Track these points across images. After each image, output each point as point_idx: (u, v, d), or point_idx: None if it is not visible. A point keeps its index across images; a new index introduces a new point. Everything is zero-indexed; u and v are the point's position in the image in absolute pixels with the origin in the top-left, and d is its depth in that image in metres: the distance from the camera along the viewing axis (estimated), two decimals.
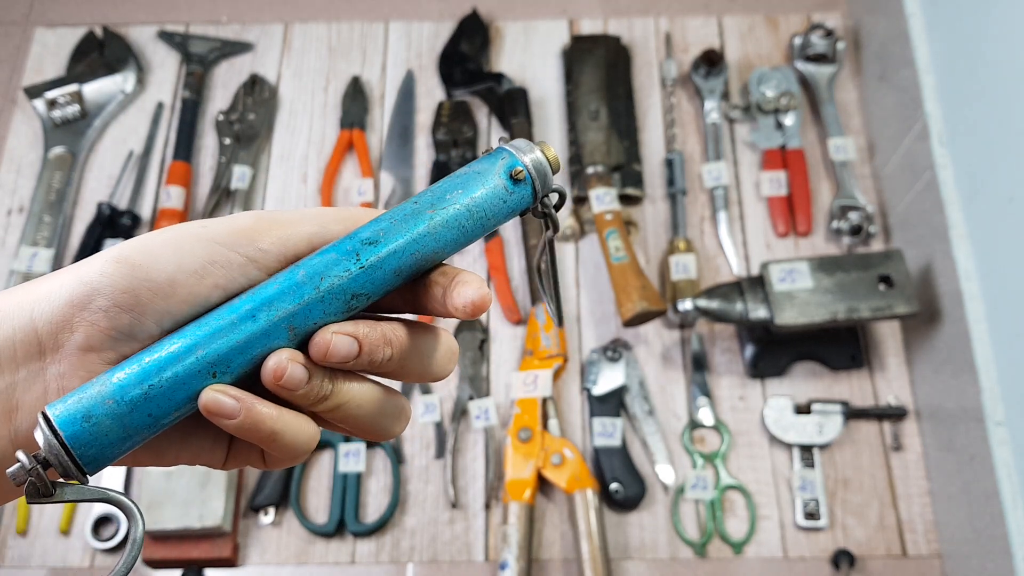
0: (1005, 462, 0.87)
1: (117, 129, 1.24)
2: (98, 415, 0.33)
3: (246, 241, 0.36)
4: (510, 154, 0.38)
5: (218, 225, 0.36)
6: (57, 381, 0.35)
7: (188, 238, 0.35)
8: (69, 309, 0.34)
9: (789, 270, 0.99)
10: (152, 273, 0.34)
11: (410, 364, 0.38)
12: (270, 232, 0.37)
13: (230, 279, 0.36)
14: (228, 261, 0.36)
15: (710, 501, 1.00)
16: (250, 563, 0.99)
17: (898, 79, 1.11)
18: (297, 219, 0.38)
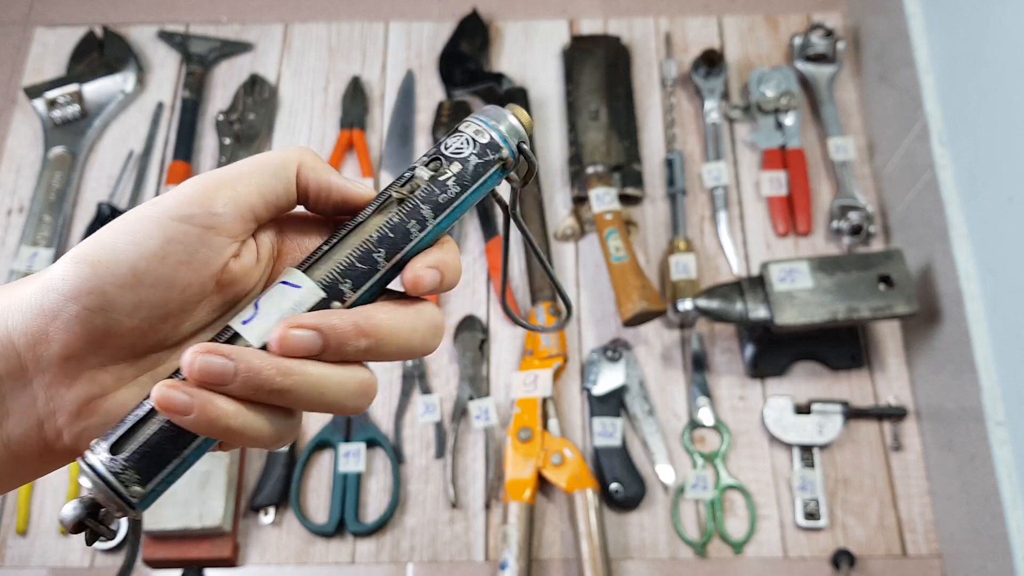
0: (1005, 462, 0.87)
1: (117, 129, 1.24)
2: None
3: (199, 209, 0.35)
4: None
5: (167, 200, 0.35)
6: (45, 390, 0.34)
7: (141, 222, 0.34)
8: (41, 320, 0.33)
9: (789, 270, 0.99)
10: (112, 267, 0.33)
11: (389, 348, 0.36)
12: (219, 193, 0.35)
13: (192, 252, 0.34)
14: (186, 235, 0.34)
15: (710, 501, 1.00)
16: (250, 563, 0.99)
17: (898, 79, 1.11)
18: (242, 171, 0.36)
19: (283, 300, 0.35)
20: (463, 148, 0.38)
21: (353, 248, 0.36)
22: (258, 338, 0.35)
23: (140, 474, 0.33)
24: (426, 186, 0.37)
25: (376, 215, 0.37)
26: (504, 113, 0.39)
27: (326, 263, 0.36)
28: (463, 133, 0.39)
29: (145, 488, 0.34)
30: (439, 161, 0.38)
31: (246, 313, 0.35)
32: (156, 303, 0.34)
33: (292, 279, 0.36)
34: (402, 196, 0.37)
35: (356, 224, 0.37)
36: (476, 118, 0.39)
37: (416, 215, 0.37)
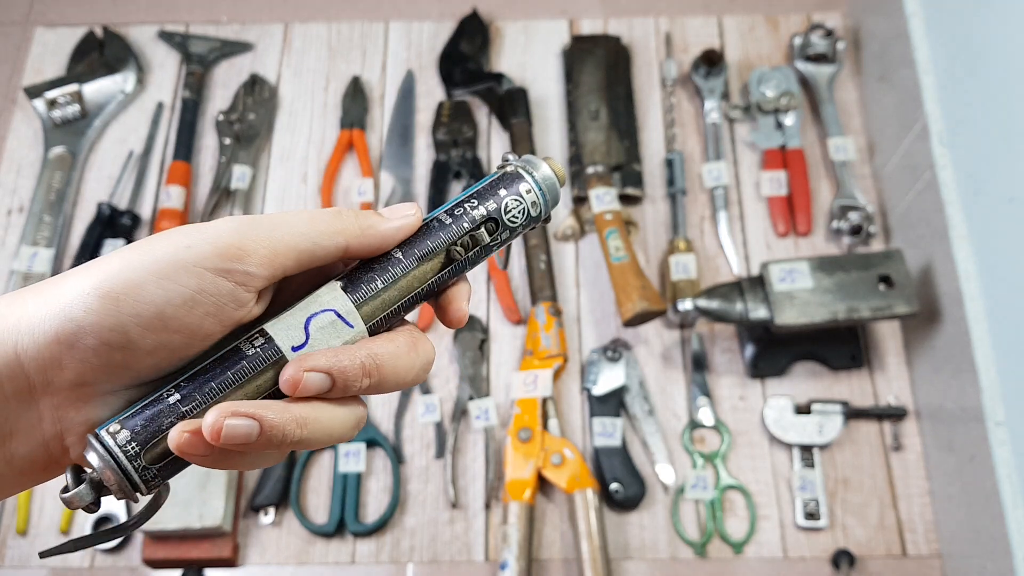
0: (1005, 462, 0.87)
1: (117, 129, 1.24)
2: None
3: (234, 264, 0.34)
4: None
5: (203, 246, 0.34)
6: (52, 411, 0.34)
7: (173, 266, 0.33)
8: (56, 347, 0.32)
9: (789, 270, 0.99)
10: (139, 308, 0.33)
11: (387, 385, 0.36)
12: (257, 252, 0.34)
13: (220, 307, 0.34)
14: (217, 289, 0.34)
15: (710, 501, 1.00)
16: (250, 563, 0.99)
17: (898, 79, 1.11)
18: (283, 230, 0.35)
19: (335, 337, 0.36)
20: (518, 218, 0.39)
21: (403, 295, 0.37)
22: None
23: (161, 474, 0.34)
24: (480, 249, 0.39)
25: (429, 263, 0.38)
26: (554, 181, 0.40)
27: (375, 303, 0.37)
28: (523, 200, 0.39)
29: (161, 484, 0.34)
30: (496, 223, 0.39)
31: (294, 333, 0.35)
32: (176, 346, 0.34)
33: (346, 315, 0.36)
34: (460, 256, 0.38)
35: (409, 268, 0.37)
36: (535, 180, 0.40)
37: (460, 271, 0.39)
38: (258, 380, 0.35)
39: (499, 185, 0.40)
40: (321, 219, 0.36)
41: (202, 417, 0.33)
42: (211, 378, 0.34)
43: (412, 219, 0.38)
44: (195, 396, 0.34)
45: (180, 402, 0.34)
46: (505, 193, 0.39)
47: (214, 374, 0.34)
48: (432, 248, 0.38)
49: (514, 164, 0.40)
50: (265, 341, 0.35)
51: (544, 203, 0.40)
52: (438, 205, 1.21)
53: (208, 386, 0.34)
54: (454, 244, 0.38)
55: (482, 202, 0.39)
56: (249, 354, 0.35)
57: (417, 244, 0.38)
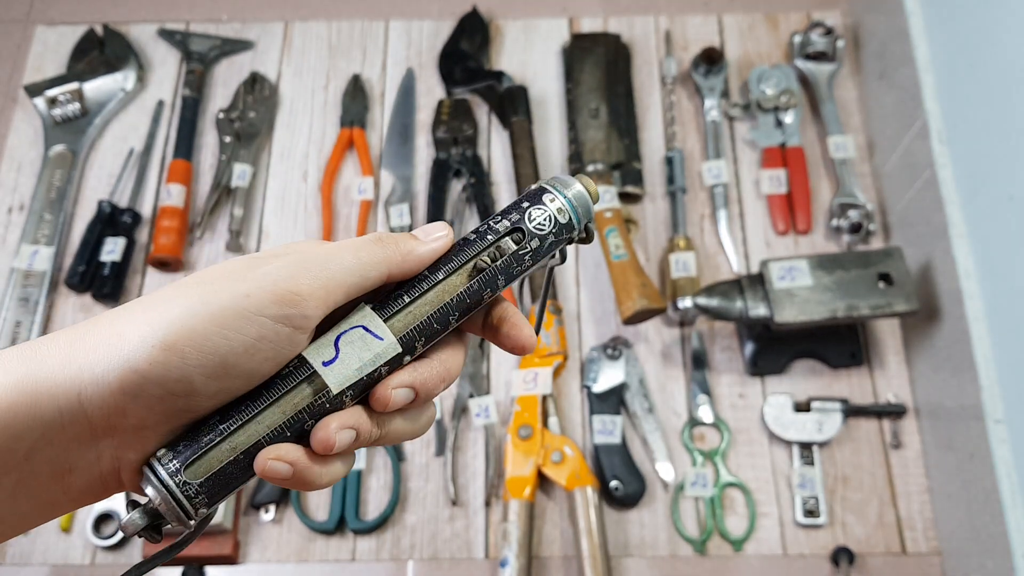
0: (1004, 460, 0.87)
1: (118, 127, 1.24)
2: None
3: (292, 309, 0.35)
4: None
5: (261, 295, 0.35)
6: (111, 451, 0.35)
7: (235, 316, 0.34)
8: (120, 397, 0.33)
9: (789, 268, 0.99)
10: (203, 359, 0.34)
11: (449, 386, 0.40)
12: (314, 296, 0.36)
13: (278, 351, 0.36)
14: (277, 336, 0.35)
15: (710, 498, 1.00)
16: (251, 560, 0.99)
17: (898, 77, 1.11)
18: (336, 272, 0.37)
19: (364, 350, 0.37)
20: (545, 225, 0.40)
21: (433, 308, 0.38)
22: (338, 384, 0.36)
23: (209, 499, 0.35)
24: (508, 258, 0.40)
25: (456, 276, 0.39)
26: (584, 194, 0.41)
27: (405, 317, 0.38)
28: (547, 208, 0.40)
29: (209, 509, 0.36)
30: (521, 233, 0.40)
31: (324, 351, 0.37)
32: (237, 390, 0.35)
33: (374, 328, 0.37)
34: (486, 265, 0.39)
35: (436, 282, 0.39)
36: (559, 191, 0.41)
37: (492, 284, 0.39)
38: (294, 398, 0.36)
39: (523, 200, 0.41)
40: (365, 250, 0.38)
41: (247, 437, 0.35)
42: (248, 398, 0.36)
43: (445, 239, 0.40)
44: (231, 414, 0.36)
45: (219, 421, 0.35)
46: (528, 204, 0.40)
47: (251, 394, 0.36)
48: (458, 262, 0.39)
49: (539, 183, 0.42)
50: (299, 362, 0.37)
51: (572, 210, 0.40)
52: (438, 203, 1.21)
53: (244, 403, 0.36)
54: (479, 255, 0.39)
55: (506, 216, 0.40)
56: (284, 373, 0.36)
57: (443, 260, 0.39)
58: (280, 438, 0.36)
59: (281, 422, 0.36)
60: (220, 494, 0.36)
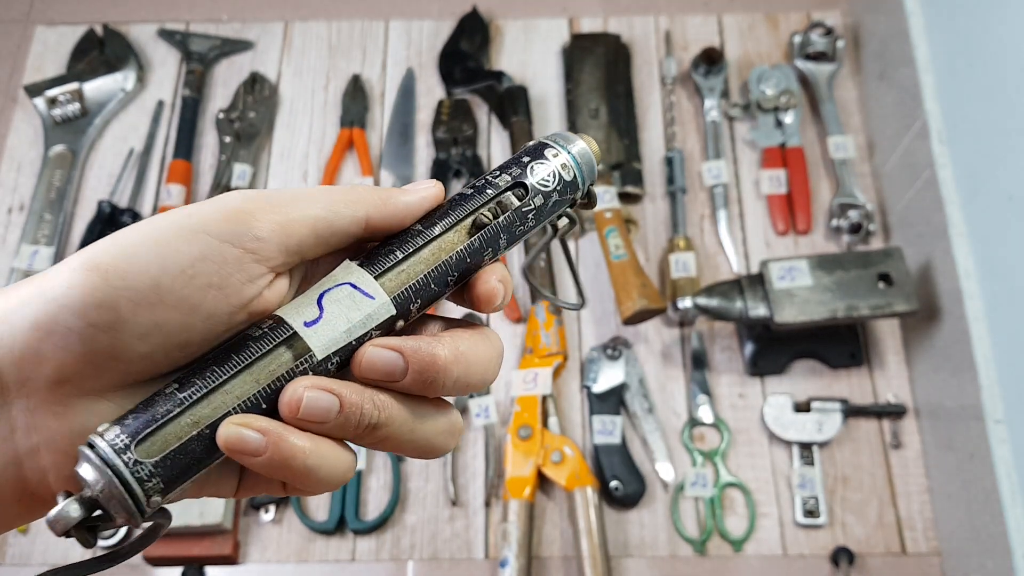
0: (1004, 460, 0.87)
1: (118, 127, 1.24)
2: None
3: (240, 228, 0.30)
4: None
5: (205, 211, 0.30)
6: (27, 416, 0.29)
7: (171, 231, 0.29)
8: (34, 335, 0.28)
9: (789, 268, 0.99)
10: (131, 279, 0.28)
11: (472, 379, 0.33)
12: (267, 216, 0.30)
13: (225, 277, 0.30)
14: (221, 256, 0.30)
15: (710, 499, 1.00)
16: (251, 561, 0.99)
17: (898, 77, 1.11)
18: (297, 199, 0.32)
19: (353, 309, 0.32)
20: (549, 181, 0.36)
21: (430, 267, 0.34)
22: (323, 347, 0.31)
23: (166, 483, 0.29)
24: (511, 214, 0.35)
25: (454, 232, 0.34)
26: (587, 150, 0.37)
27: (399, 275, 0.33)
28: (550, 163, 0.36)
29: (163, 499, 0.29)
30: (524, 189, 0.36)
31: (306, 310, 0.31)
32: (174, 328, 0.29)
33: (364, 285, 0.32)
34: (488, 221, 0.35)
35: (432, 237, 0.34)
36: (562, 146, 0.37)
37: (494, 242, 0.35)
38: (270, 363, 0.30)
39: (523, 155, 0.37)
40: (337, 191, 0.33)
41: (212, 409, 0.29)
42: (214, 362, 0.30)
43: (434, 190, 0.35)
44: (194, 381, 0.29)
45: (178, 389, 0.29)
46: (530, 159, 0.37)
47: (217, 358, 0.30)
48: (456, 217, 0.35)
49: (538, 139, 0.38)
50: (274, 322, 0.31)
51: (577, 168, 0.37)
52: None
53: (210, 369, 0.30)
54: (479, 209, 0.35)
55: (505, 171, 0.36)
56: (256, 335, 0.31)
57: (439, 215, 0.35)
58: (253, 410, 0.30)
59: (254, 392, 0.30)
60: (178, 479, 0.29)
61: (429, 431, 0.33)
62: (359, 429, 0.31)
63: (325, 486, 0.31)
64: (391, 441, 0.32)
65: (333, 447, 0.31)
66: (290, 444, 0.29)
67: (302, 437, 0.29)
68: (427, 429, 0.33)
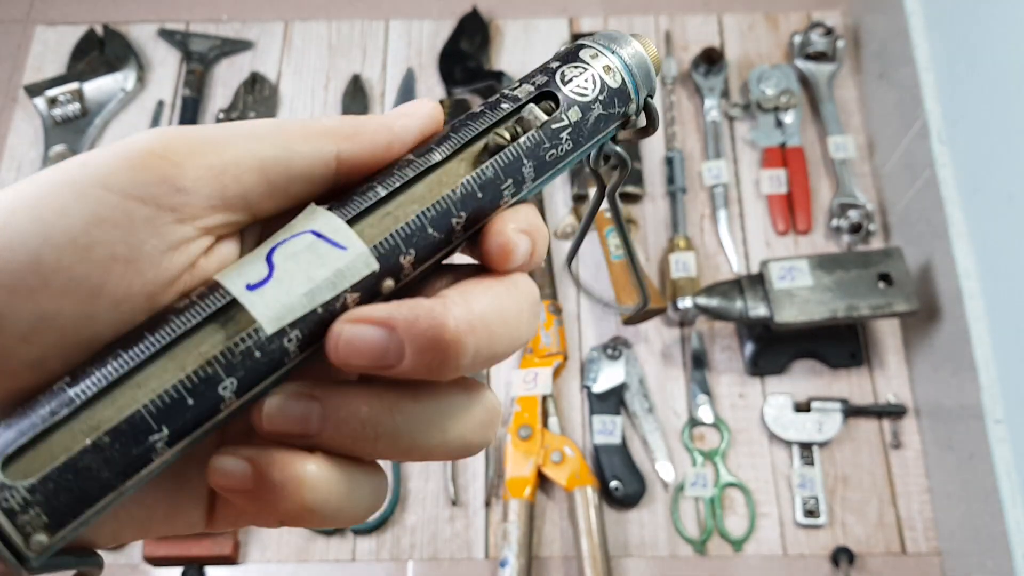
0: (1004, 460, 0.87)
1: (118, 127, 1.24)
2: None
3: (152, 177, 0.22)
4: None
5: (107, 158, 0.22)
6: None
7: (58, 189, 0.21)
8: None
9: (789, 268, 0.99)
10: (4, 260, 0.20)
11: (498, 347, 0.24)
12: (191, 159, 0.22)
13: (134, 245, 0.21)
14: (127, 216, 0.21)
15: (710, 499, 1.00)
16: (251, 560, 0.99)
17: (898, 77, 1.11)
18: (236, 136, 0.23)
19: (316, 265, 0.23)
20: (587, 89, 0.27)
21: (425, 205, 0.25)
22: (273, 318, 0.22)
23: (51, 516, 0.20)
24: (536, 133, 0.26)
25: (458, 161, 0.26)
26: (639, 49, 0.29)
27: (383, 220, 0.24)
28: (589, 66, 0.28)
29: (53, 537, 0.20)
30: (554, 100, 0.27)
31: (250, 270, 0.23)
32: (70, 321, 0.21)
33: (331, 233, 0.23)
34: (504, 142, 0.26)
35: (426, 167, 0.25)
36: (604, 47, 0.28)
37: (516, 172, 0.26)
38: (199, 342, 0.22)
39: (551, 61, 0.28)
40: (293, 123, 0.25)
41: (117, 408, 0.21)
42: (119, 344, 0.22)
43: (427, 109, 0.26)
44: (91, 371, 0.21)
45: (69, 383, 0.21)
46: (559, 64, 0.28)
47: (124, 340, 0.22)
48: (461, 139, 0.26)
49: (576, 42, 0.29)
50: (207, 289, 0.23)
51: (627, 72, 0.28)
52: None
53: (115, 354, 0.22)
54: (492, 128, 0.26)
55: (528, 81, 0.27)
56: (179, 306, 0.22)
57: (437, 140, 0.26)
58: (175, 409, 0.21)
59: (174, 379, 0.21)
60: (72, 509, 0.20)
61: (458, 427, 0.24)
62: (360, 442, 0.23)
63: (342, 521, 0.24)
64: (408, 449, 0.24)
65: (347, 472, 0.23)
66: (279, 478, 0.22)
67: (309, 462, 0.22)
68: (455, 424, 0.24)
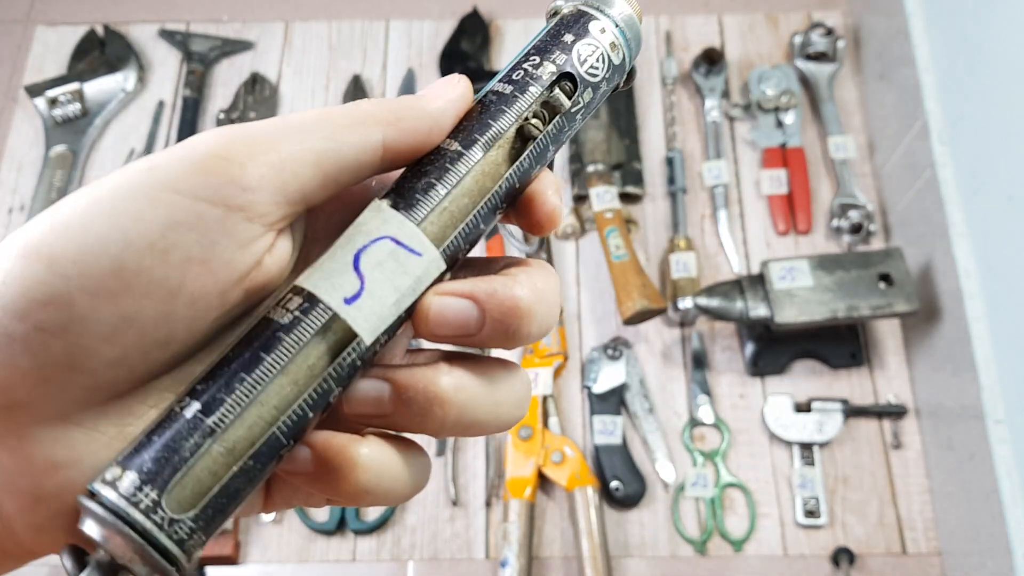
0: (1004, 460, 0.87)
1: (118, 127, 1.24)
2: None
3: (220, 179, 0.23)
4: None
5: (171, 162, 0.23)
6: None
7: (131, 195, 0.22)
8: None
9: (789, 268, 0.99)
10: (84, 263, 0.21)
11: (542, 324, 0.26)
12: (253, 159, 0.23)
13: (208, 246, 0.22)
14: (200, 219, 0.22)
15: (710, 499, 1.00)
16: (251, 561, 0.99)
17: (898, 77, 1.11)
18: (289, 130, 0.25)
19: (400, 273, 0.25)
20: (598, 69, 0.29)
21: (475, 200, 0.26)
22: (371, 329, 0.24)
23: (207, 535, 0.23)
24: (561, 119, 0.28)
25: (497, 150, 0.27)
26: (632, 16, 0.30)
27: (441, 216, 0.26)
28: (598, 43, 0.29)
29: (201, 546, 0.23)
30: (573, 82, 0.28)
31: (342, 280, 0.24)
32: (149, 322, 0.22)
33: (407, 239, 0.25)
34: (537, 132, 0.27)
35: (476, 162, 0.27)
36: (607, 16, 0.29)
37: (542, 157, 0.28)
38: (308, 357, 0.24)
39: (563, 32, 0.29)
40: (337, 112, 0.26)
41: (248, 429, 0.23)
42: (239, 367, 0.23)
43: (461, 88, 0.28)
44: (222, 398, 0.23)
45: (202, 412, 0.23)
46: (573, 39, 0.29)
47: (241, 362, 0.23)
48: (499, 129, 0.27)
49: (574, 4, 0.30)
50: (303, 300, 0.24)
51: (627, 46, 0.29)
52: None
53: (239, 377, 0.23)
54: (526, 118, 0.27)
55: (546, 57, 0.28)
56: (285, 323, 0.24)
57: (477, 128, 0.27)
58: (301, 423, 0.24)
59: (297, 397, 0.23)
60: (218, 524, 0.23)
61: (508, 400, 0.26)
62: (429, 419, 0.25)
63: (392, 500, 0.25)
64: (470, 425, 0.25)
65: (395, 451, 0.25)
66: (336, 461, 0.24)
67: (355, 444, 0.24)
68: (504, 395, 0.26)
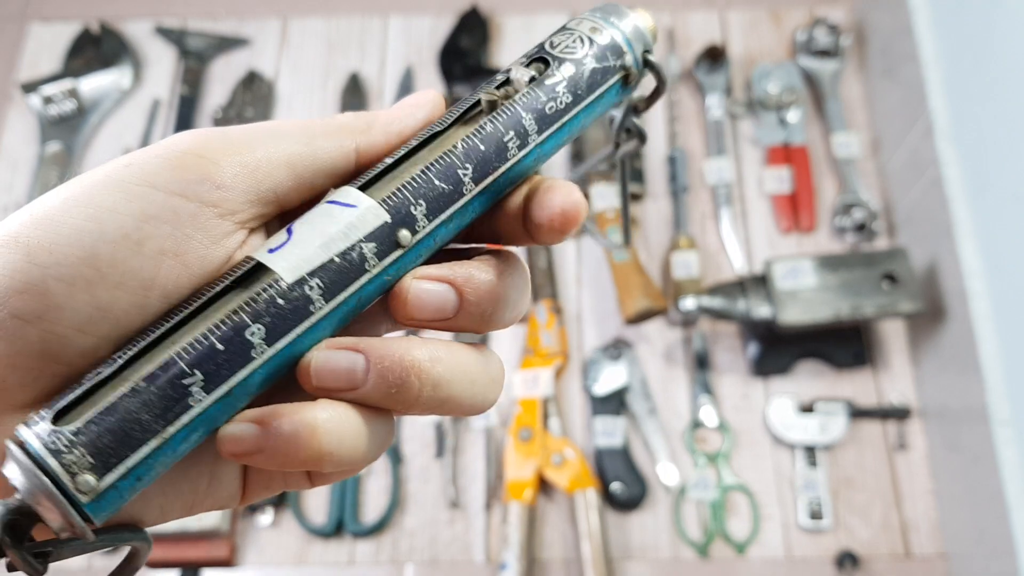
0: (1010, 462, 0.86)
1: (113, 124, 1.23)
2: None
3: (195, 175, 0.24)
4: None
5: (148, 158, 0.24)
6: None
7: (107, 188, 0.23)
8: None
9: (792, 268, 0.98)
10: (60, 252, 0.22)
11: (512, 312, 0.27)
12: (227, 158, 0.25)
13: (181, 240, 0.24)
14: (174, 213, 0.24)
15: (712, 501, 0.99)
16: (248, 564, 0.98)
17: (903, 74, 1.10)
18: (265, 134, 0.26)
19: (328, 222, 0.26)
20: (575, 48, 0.30)
21: (429, 161, 0.27)
22: (290, 268, 0.25)
23: (95, 456, 0.22)
24: (528, 91, 0.29)
25: (458, 126, 0.28)
26: (623, 10, 0.31)
27: (390, 180, 0.27)
28: (573, 31, 0.30)
29: (101, 479, 0.22)
30: (544, 62, 0.29)
31: (272, 241, 0.26)
32: (123, 312, 0.23)
33: (342, 197, 0.26)
34: (494, 99, 0.28)
35: (431, 134, 0.28)
36: (589, 15, 0.31)
37: (516, 125, 0.28)
38: (228, 302, 0.25)
39: (544, 40, 0.31)
40: (314, 122, 0.28)
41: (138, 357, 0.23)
42: (160, 319, 0.24)
43: (430, 97, 0.29)
44: (134, 339, 0.24)
45: (113, 351, 0.24)
46: (549, 36, 0.30)
47: (165, 315, 0.24)
48: (458, 109, 0.29)
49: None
50: (235, 265, 0.26)
51: (612, 27, 0.30)
52: None
53: (158, 323, 0.24)
54: (485, 91, 0.29)
55: (523, 57, 0.30)
56: (211, 282, 0.25)
57: (439, 121, 0.29)
58: (207, 354, 0.23)
59: (206, 329, 0.24)
60: (113, 449, 0.22)
61: (481, 379, 0.27)
62: (404, 392, 0.25)
63: (356, 462, 0.25)
64: (444, 400, 0.26)
65: (348, 414, 0.25)
66: (290, 428, 0.23)
67: (308, 408, 0.24)
68: (478, 373, 0.26)
